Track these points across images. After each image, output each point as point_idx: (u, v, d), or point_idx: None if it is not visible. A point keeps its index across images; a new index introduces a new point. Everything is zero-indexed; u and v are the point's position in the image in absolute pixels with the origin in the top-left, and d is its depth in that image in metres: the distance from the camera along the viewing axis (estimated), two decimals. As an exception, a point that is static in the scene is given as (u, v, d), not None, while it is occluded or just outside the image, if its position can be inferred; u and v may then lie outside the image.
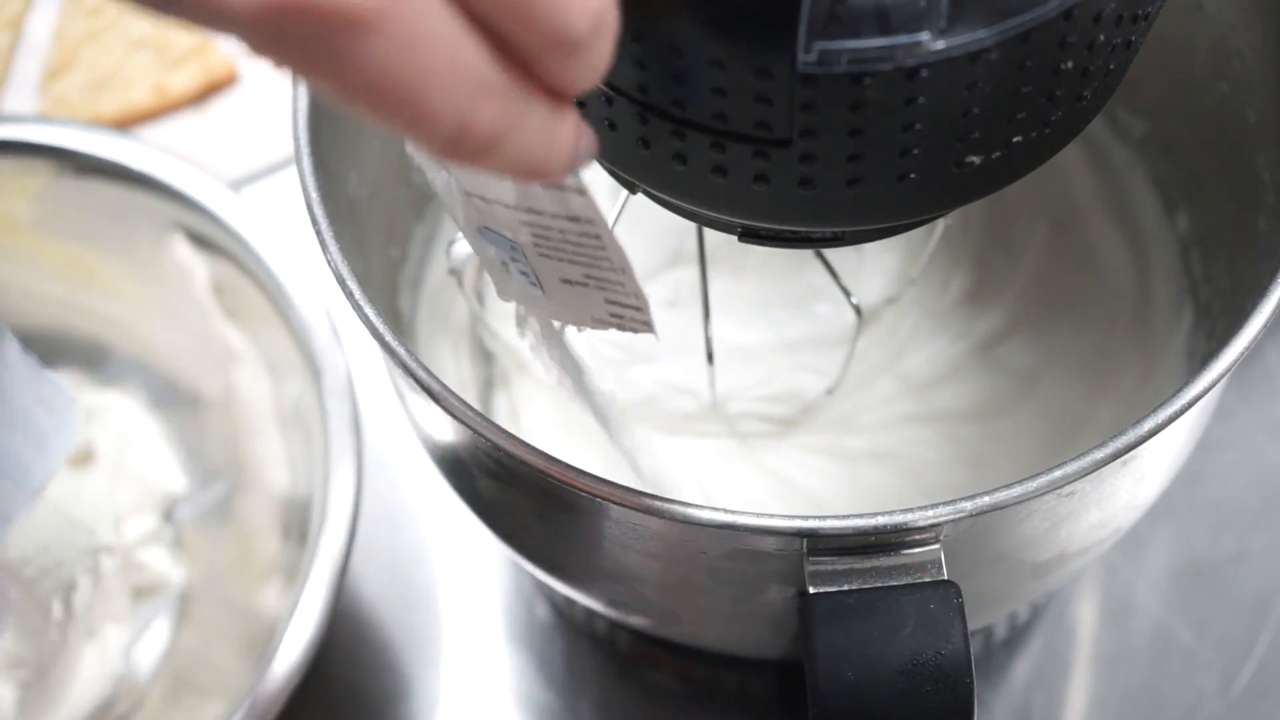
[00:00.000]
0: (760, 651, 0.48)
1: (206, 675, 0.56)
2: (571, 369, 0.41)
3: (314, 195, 0.41)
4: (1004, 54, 0.30)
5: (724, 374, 0.53)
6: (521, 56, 0.26)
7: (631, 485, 0.37)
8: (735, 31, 0.30)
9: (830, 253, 0.51)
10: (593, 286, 0.35)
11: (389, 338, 0.39)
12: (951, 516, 0.36)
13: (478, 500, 0.46)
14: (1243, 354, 0.37)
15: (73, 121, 0.56)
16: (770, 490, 0.53)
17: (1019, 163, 0.34)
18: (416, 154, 0.37)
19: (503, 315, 0.57)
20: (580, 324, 0.37)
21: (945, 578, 0.37)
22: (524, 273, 0.37)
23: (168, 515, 0.60)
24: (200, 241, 0.56)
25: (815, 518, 0.36)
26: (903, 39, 0.29)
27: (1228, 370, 0.37)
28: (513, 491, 0.42)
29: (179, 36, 0.69)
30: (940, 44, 0.29)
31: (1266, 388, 0.61)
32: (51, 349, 0.62)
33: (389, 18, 0.24)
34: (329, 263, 0.40)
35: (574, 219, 0.32)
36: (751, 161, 0.32)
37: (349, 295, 0.39)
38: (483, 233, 0.36)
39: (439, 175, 0.36)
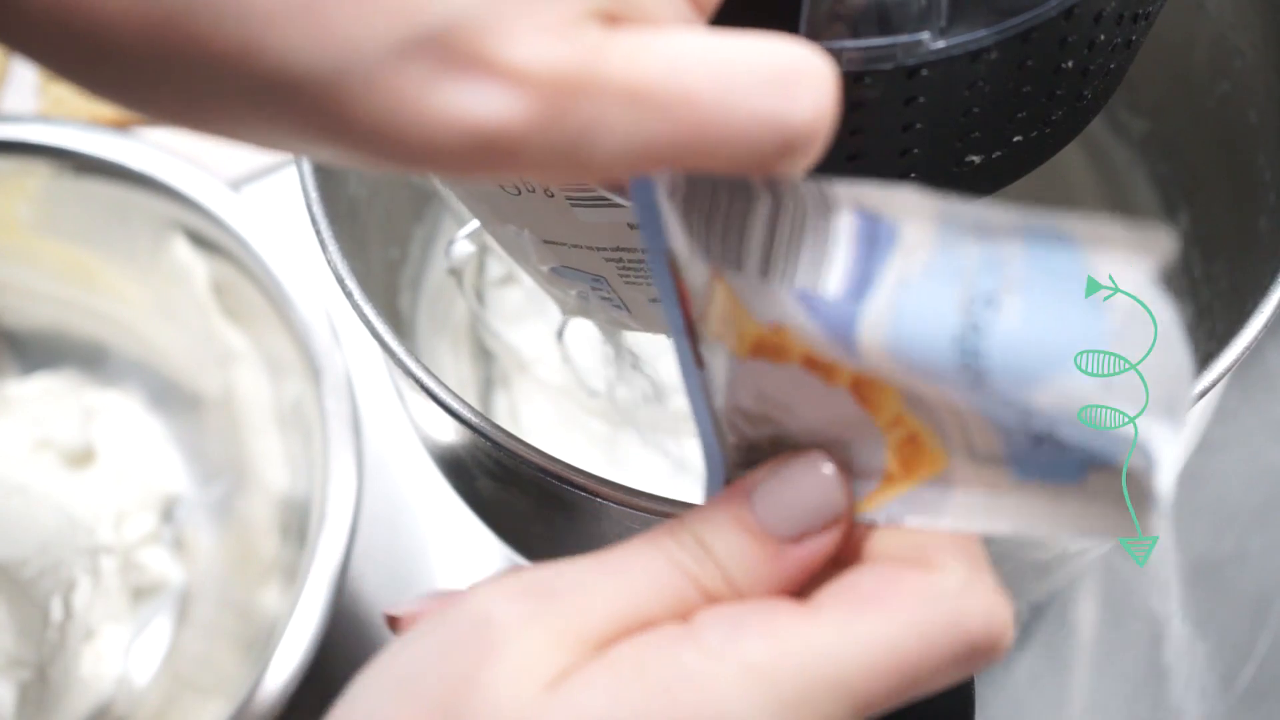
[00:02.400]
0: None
1: (206, 675, 0.56)
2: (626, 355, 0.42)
3: (314, 195, 0.41)
4: (1004, 53, 0.30)
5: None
6: None
7: (631, 485, 0.37)
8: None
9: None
10: None
11: (389, 338, 0.39)
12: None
13: (477, 500, 0.46)
14: (1243, 354, 0.37)
15: (72, 121, 0.56)
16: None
17: (1019, 162, 0.34)
18: (474, 209, 0.37)
19: (503, 315, 0.57)
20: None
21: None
22: (606, 298, 0.38)
23: (168, 515, 0.60)
24: (200, 241, 0.56)
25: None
26: (903, 38, 0.29)
27: (1228, 370, 0.37)
28: (512, 491, 0.42)
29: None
30: (940, 43, 0.29)
31: (1266, 388, 0.61)
32: (51, 349, 0.62)
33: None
34: (329, 263, 0.40)
35: None
36: (752, 161, 0.32)
37: (349, 295, 0.39)
38: (559, 271, 0.38)
39: (505, 229, 0.36)
